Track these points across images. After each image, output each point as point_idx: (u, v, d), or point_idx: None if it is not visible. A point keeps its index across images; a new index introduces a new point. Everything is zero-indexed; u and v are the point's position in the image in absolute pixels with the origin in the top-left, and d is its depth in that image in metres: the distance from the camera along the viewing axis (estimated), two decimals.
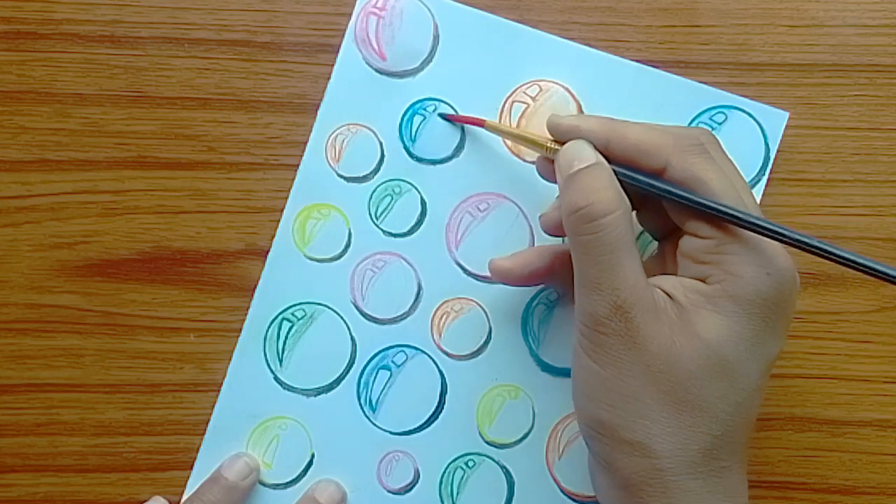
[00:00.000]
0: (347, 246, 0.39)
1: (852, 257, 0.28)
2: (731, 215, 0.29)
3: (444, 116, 0.39)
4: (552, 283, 0.38)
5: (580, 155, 0.31)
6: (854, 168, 0.39)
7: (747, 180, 0.38)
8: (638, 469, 0.29)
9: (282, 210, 0.39)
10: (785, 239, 0.29)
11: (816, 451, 0.39)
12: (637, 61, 0.39)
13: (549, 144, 0.33)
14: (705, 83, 0.38)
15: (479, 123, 0.37)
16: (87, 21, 0.39)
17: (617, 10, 0.39)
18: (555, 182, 0.33)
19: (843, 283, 0.39)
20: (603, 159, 0.31)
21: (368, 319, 0.39)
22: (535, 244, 0.39)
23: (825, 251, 0.28)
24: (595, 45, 0.39)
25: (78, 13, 0.39)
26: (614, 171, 0.31)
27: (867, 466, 0.39)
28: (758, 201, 0.38)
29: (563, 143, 0.32)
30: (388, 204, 0.39)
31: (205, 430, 0.39)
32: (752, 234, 0.29)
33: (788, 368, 0.39)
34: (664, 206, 0.32)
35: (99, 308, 0.39)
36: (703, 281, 0.30)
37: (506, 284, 0.37)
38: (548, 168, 0.35)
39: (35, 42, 0.39)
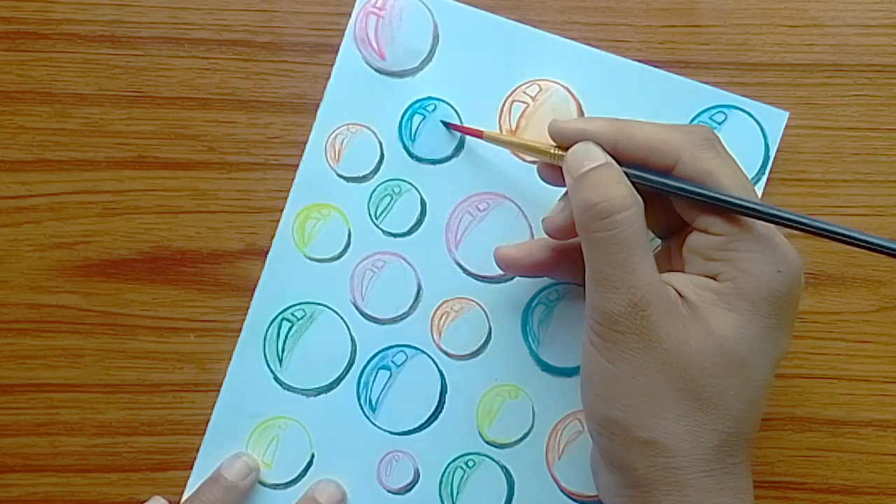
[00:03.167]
0: (347, 246, 0.39)
1: (880, 242, 0.28)
2: (751, 208, 0.29)
3: (445, 123, 0.38)
4: (556, 276, 0.38)
5: (590, 155, 0.31)
6: (854, 168, 0.39)
7: None
8: (652, 468, 0.29)
9: (282, 210, 0.39)
10: (807, 228, 0.29)
11: (816, 451, 0.39)
12: (637, 61, 0.39)
13: (553, 151, 0.33)
14: (705, 83, 0.38)
15: (478, 134, 0.37)
16: (87, 21, 0.39)
17: (617, 10, 0.39)
18: (558, 185, 0.33)
19: (843, 284, 0.39)
20: (612, 160, 0.31)
21: (368, 319, 0.39)
22: None
23: (848, 238, 0.28)
24: (595, 45, 0.39)
25: (78, 13, 0.39)
26: (624, 171, 0.31)
27: (867, 466, 0.39)
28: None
29: (566, 148, 0.32)
30: (388, 204, 0.39)
31: (205, 430, 0.39)
32: (763, 230, 0.29)
33: (788, 368, 0.39)
34: (673, 203, 0.32)
35: (99, 308, 0.39)
36: (713, 278, 0.30)
37: (509, 273, 0.37)
38: (550, 173, 0.34)
39: (35, 42, 0.39)
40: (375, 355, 0.39)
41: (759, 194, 0.38)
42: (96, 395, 0.39)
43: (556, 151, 0.33)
